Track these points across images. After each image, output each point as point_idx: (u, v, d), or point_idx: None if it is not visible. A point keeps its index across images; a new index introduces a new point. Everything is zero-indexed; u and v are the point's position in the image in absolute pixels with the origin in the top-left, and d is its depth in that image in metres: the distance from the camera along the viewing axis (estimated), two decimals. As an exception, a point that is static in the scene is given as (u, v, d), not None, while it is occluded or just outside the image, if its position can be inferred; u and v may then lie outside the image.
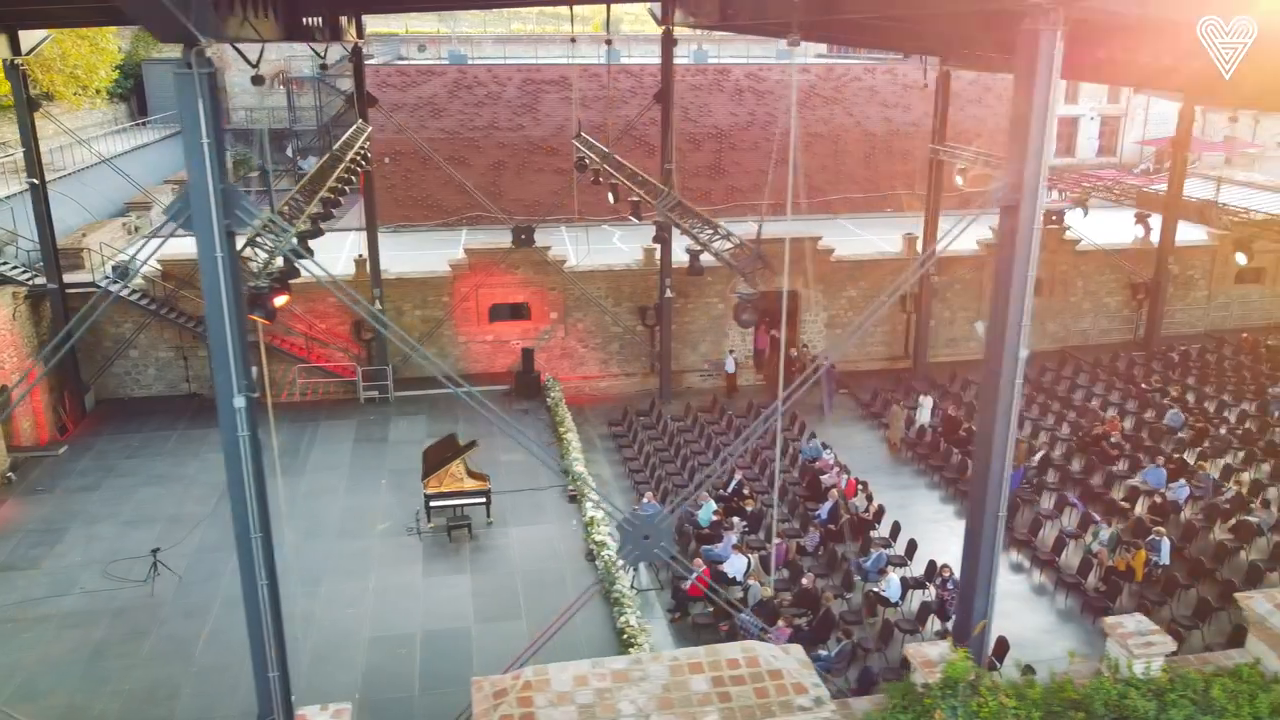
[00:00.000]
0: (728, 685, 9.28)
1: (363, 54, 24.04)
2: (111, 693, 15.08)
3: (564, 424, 24.38)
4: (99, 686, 15.22)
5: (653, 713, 8.95)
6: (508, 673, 9.45)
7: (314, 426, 25.39)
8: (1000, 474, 10.98)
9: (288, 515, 20.87)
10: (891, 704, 9.92)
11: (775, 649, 9.86)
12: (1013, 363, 10.52)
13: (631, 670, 9.38)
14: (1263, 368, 28.16)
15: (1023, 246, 10.08)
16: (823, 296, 30.16)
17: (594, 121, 33.33)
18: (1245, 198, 35.65)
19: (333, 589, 17.90)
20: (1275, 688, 10.05)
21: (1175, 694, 9.92)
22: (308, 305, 27.51)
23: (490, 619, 16.95)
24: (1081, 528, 20.06)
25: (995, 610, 18.88)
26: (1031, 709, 9.80)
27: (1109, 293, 32.08)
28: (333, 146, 21.47)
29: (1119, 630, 10.39)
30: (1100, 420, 24.72)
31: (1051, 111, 9.69)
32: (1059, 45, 9.40)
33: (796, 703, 9.13)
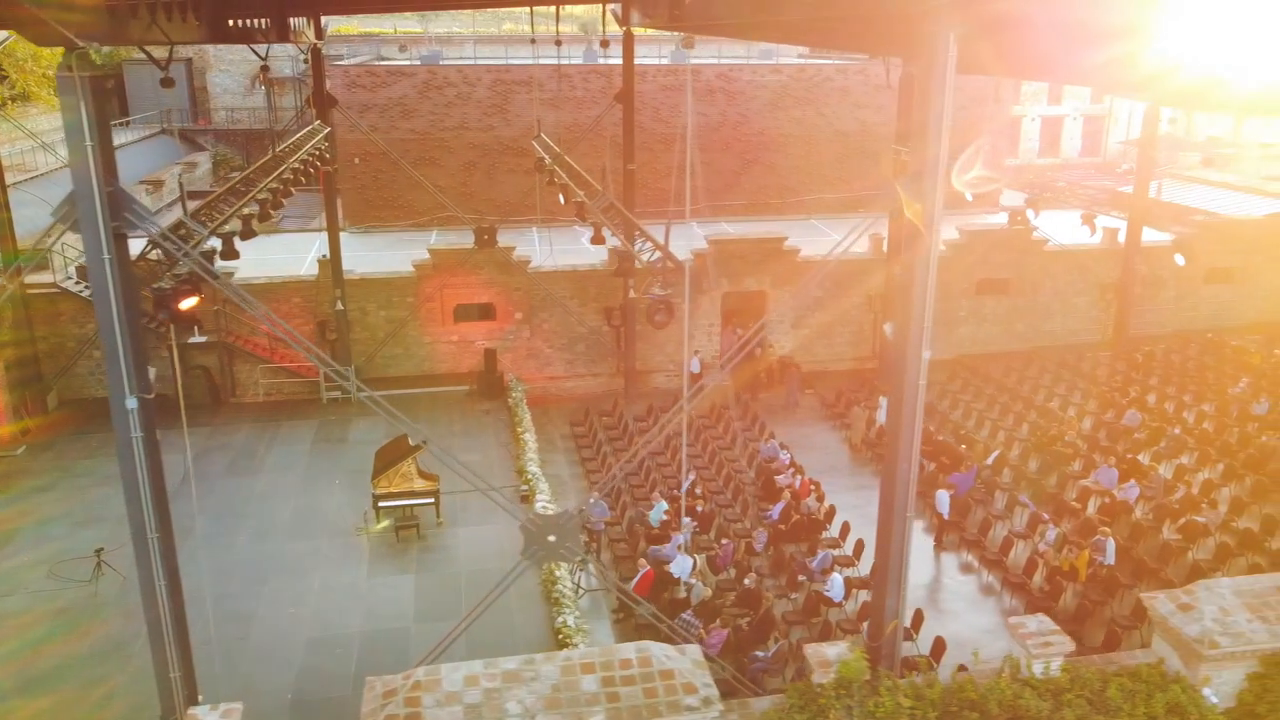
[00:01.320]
0: (618, 685, 9.33)
1: (321, 55, 24.04)
2: (46, 692, 15.10)
3: (522, 424, 24.40)
4: (35, 686, 15.25)
5: (539, 713, 9.00)
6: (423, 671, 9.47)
7: (275, 427, 25.42)
8: (907, 475, 11.00)
9: (239, 516, 20.99)
10: (789, 704, 9.96)
11: (670, 649, 9.92)
12: (916, 364, 10.54)
13: (523, 670, 9.43)
14: (1226, 368, 28.17)
15: (923, 248, 10.09)
16: (790, 297, 30.15)
17: (564, 122, 33.36)
18: (1215, 198, 35.78)
19: (278, 589, 17.94)
20: (1173, 687, 10.09)
21: (1072, 694, 9.96)
22: (272, 305, 27.50)
23: (431, 619, 16.98)
24: (1031, 528, 20.10)
25: (941, 610, 19.11)
26: (928, 709, 9.85)
27: (1078, 293, 32.08)
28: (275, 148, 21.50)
29: (1020, 631, 10.44)
30: (1059, 421, 24.75)
31: (948, 112, 9.71)
32: (953, 47, 9.42)
33: (685, 703, 9.18)
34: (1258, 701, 10.24)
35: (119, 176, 9.44)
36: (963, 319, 31.49)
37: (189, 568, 18.76)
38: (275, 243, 33.79)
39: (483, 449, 24.07)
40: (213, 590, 17.83)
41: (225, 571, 18.49)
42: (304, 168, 20.48)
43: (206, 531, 20.25)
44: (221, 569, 18.62)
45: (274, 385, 27.66)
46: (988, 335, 31.80)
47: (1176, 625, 10.34)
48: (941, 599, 19.45)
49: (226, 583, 18.03)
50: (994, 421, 25.42)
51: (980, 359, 30.79)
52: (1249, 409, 24.46)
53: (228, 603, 17.36)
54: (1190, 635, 10.16)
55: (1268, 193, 35.31)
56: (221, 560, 18.89)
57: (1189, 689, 10.14)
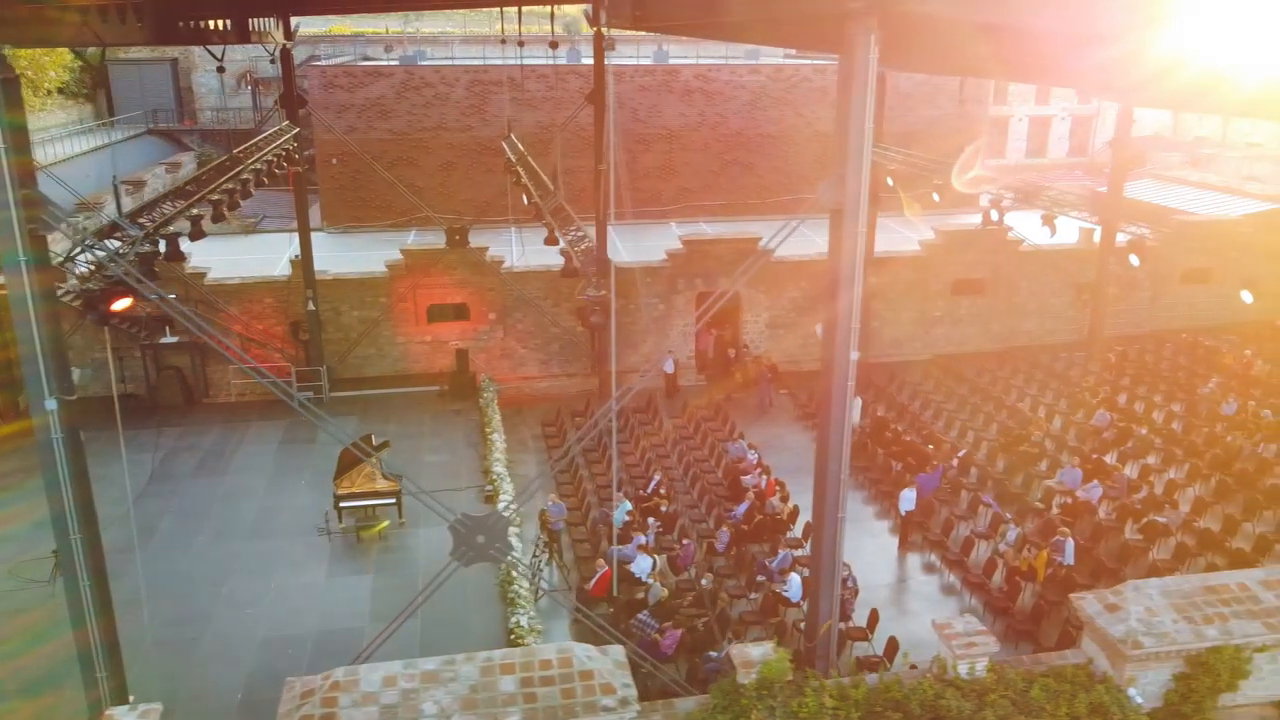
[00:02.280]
0: (536, 686, 9.33)
1: (290, 56, 24.04)
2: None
3: (490, 425, 24.41)
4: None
5: (455, 713, 9.01)
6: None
7: (244, 427, 25.44)
8: (838, 475, 11.02)
9: (203, 516, 21.02)
10: (713, 704, 9.97)
11: (592, 650, 9.92)
12: (844, 365, 10.56)
13: (442, 671, 9.43)
14: (1198, 369, 28.20)
15: (849, 249, 10.12)
16: (764, 297, 30.20)
17: (543, 122, 33.45)
18: (1194, 199, 35.82)
19: (235, 588, 17.97)
20: (1097, 688, 10.11)
21: (997, 694, 9.98)
22: (244, 306, 27.58)
23: (385, 619, 16.81)
24: (993, 528, 20.12)
25: (903, 610, 19.14)
26: (851, 709, 9.86)
27: (1054, 293, 32.13)
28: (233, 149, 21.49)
29: (946, 631, 10.44)
30: (1027, 421, 24.77)
31: (870, 112, 9.73)
32: (874, 48, 9.44)
33: (601, 703, 9.19)
34: (1183, 701, 10.25)
35: (108, 175, 9.41)
36: (938, 319, 31.51)
37: (148, 568, 18.92)
38: (254, 243, 33.89)
39: (451, 449, 24.09)
40: (169, 590, 17.95)
41: (184, 571, 18.54)
42: (268, 168, 20.46)
43: (170, 531, 20.33)
44: (180, 569, 18.68)
45: (246, 386, 27.67)
46: (964, 335, 31.82)
47: (1102, 625, 10.36)
48: (904, 599, 19.50)
49: (184, 583, 18.08)
50: (964, 422, 25.46)
51: (956, 359, 30.82)
52: (1218, 409, 24.47)
53: (184, 603, 17.39)
54: (1115, 635, 10.17)
55: (1246, 193, 35.33)
56: (181, 560, 18.94)
57: (1114, 689, 10.16)
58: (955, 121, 38.45)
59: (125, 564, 18.66)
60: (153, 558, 19.09)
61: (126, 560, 18.79)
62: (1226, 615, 10.43)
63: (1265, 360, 27.55)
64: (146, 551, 19.37)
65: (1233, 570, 13.29)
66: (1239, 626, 10.30)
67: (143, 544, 19.77)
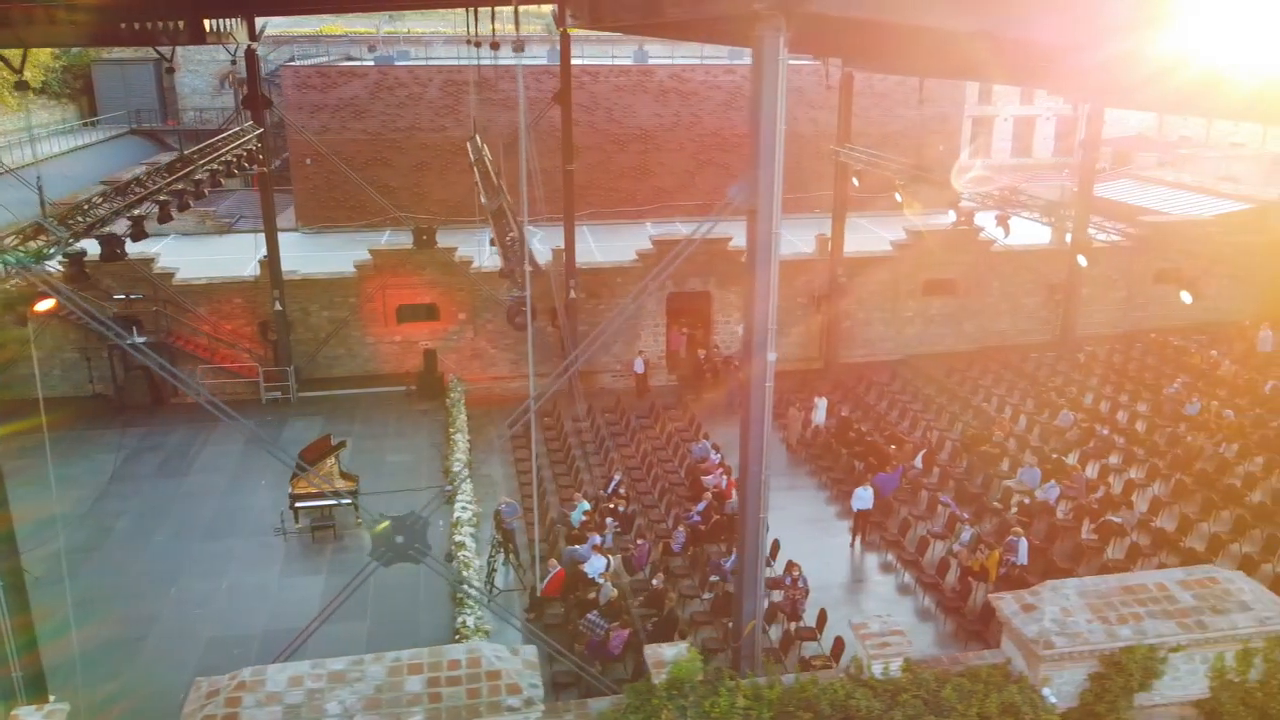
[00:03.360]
0: (443, 686, 9.36)
1: (255, 56, 24.05)
2: None
3: (455, 425, 24.41)
4: None
5: (358, 713, 9.03)
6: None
7: (210, 428, 25.39)
8: (759, 476, 11.04)
9: (162, 515, 21.03)
10: (626, 704, 9.99)
11: (502, 650, 9.97)
12: (762, 367, 10.57)
13: (349, 671, 9.46)
14: (1166, 369, 28.22)
15: (763, 250, 10.14)
16: (736, 297, 30.18)
17: (517, 122, 33.35)
18: (1167, 199, 35.87)
19: (186, 589, 17.98)
20: (1010, 687, 10.14)
21: (909, 694, 10.00)
22: (212, 307, 27.59)
23: (335, 619, 16.86)
24: (949, 528, 20.15)
25: (858, 610, 19.13)
26: (763, 709, 9.89)
27: (1026, 293, 32.13)
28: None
29: (861, 631, 10.47)
30: (991, 421, 24.79)
31: (781, 113, 9.75)
32: (783, 49, 9.46)
33: (506, 703, 9.22)
34: (1097, 701, 10.28)
35: (88, 175, 9.36)
36: (909, 319, 31.53)
37: (102, 568, 18.97)
38: (228, 243, 33.90)
39: (414, 449, 24.12)
40: (121, 590, 17.97)
41: (137, 571, 18.56)
42: (227, 169, 20.46)
43: (126, 531, 20.34)
44: (134, 569, 18.71)
45: (215, 386, 27.64)
46: (936, 335, 31.83)
47: (1018, 626, 10.39)
48: (860, 599, 19.52)
49: (136, 583, 18.10)
50: (929, 422, 25.47)
51: (928, 359, 30.83)
52: (1181, 409, 24.49)
53: (134, 602, 17.41)
54: (1029, 635, 10.20)
55: (1220, 193, 35.36)
56: (135, 560, 18.98)
57: (1027, 689, 10.19)
58: (934, 123, 38.48)
59: (79, 563, 18.82)
60: (107, 557, 19.14)
61: (80, 560, 18.93)
62: (1141, 615, 10.47)
63: (1232, 361, 27.58)
64: (101, 551, 19.46)
65: (1155, 570, 13.31)
66: (1153, 626, 10.33)
67: (99, 544, 19.87)
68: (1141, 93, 15.98)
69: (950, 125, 38.91)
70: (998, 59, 12.35)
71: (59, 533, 20.02)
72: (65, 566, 18.75)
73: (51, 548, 19.50)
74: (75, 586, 17.91)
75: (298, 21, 58.50)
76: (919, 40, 10.15)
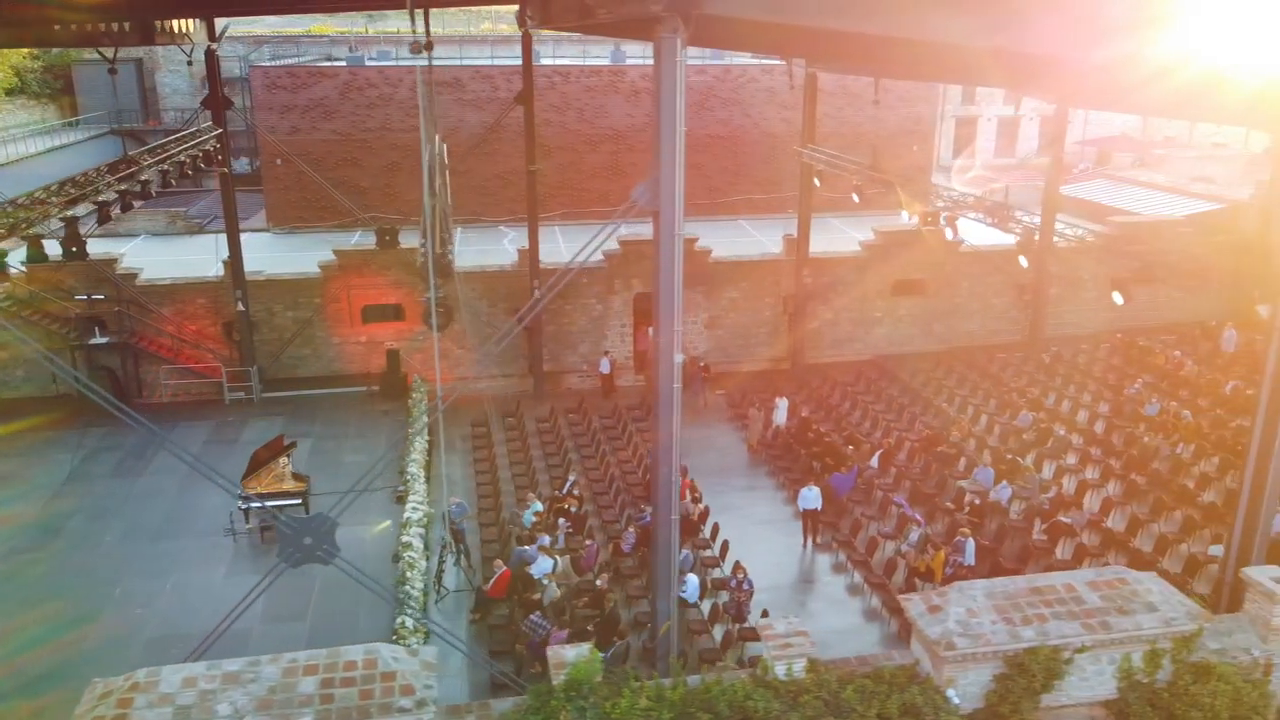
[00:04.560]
0: (336, 687, 9.35)
1: (215, 57, 24.03)
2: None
3: (414, 425, 24.41)
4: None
5: (249, 714, 9.02)
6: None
7: (170, 428, 25.39)
8: (669, 477, 11.04)
9: (113, 516, 21.04)
10: (526, 704, 10.00)
11: (401, 651, 9.97)
12: (669, 369, 10.57)
13: (244, 672, 9.45)
14: (1131, 369, 28.23)
15: (667, 251, 10.14)
16: (703, 298, 30.20)
17: (486, 123, 33.43)
18: (1139, 199, 35.89)
19: (130, 589, 17.98)
20: (913, 688, 10.14)
21: (811, 695, 10.01)
22: (176, 307, 27.58)
23: (275, 620, 17.04)
24: (899, 528, 20.16)
25: (805, 610, 19.15)
26: (664, 709, 9.89)
27: (995, 294, 32.15)
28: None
29: (766, 632, 10.47)
30: (951, 422, 24.80)
31: (681, 113, 9.76)
32: (680, 50, 9.46)
33: (398, 704, 9.22)
34: (1001, 702, 10.28)
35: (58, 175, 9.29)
36: (879, 319, 31.53)
37: (50, 568, 18.96)
38: (200, 243, 33.85)
39: (372, 449, 24.13)
40: (67, 590, 17.96)
41: (85, 571, 18.57)
42: (180, 169, 20.44)
43: (77, 531, 20.35)
44: (82, 569, 18.72)
45: (181, 386, 27.68)
46: (905, 336, 31.84)
47: (922, 627, 10.39)
48: (809, 599, 19.54)
49: (82, 583, 18.10)
50: (890, 422, 25.47)
51: (898, 359, 30.85)
52: (1140, 410, 24.50)
53: (78, 602, 17.40)
54: (931, 636, 10.20)
55: (1192, 193, 35.37)
56: (84, 560, 18.98)
57: (930, 690, 10.19)
58: (909, 123, 38.50)
59: (26, 565, 18.83)
60: (54, 558, 19.14)
61: (26, 561, 18.94)
62: (1046, 616, 10.47)
63: (1195, 361, 27.58)
64: (49, 552, 19.45)
65: (1066, 571, 13.31)
66: (1056, 627, 10.34)
67: (48, 543, 19.88)
68: (1124, 98, 16.02)
69: (925, 125, 38.91)
70: (962, 62, 12.35)
71: (8, 534, 20.12)
72: (10, 568, 18.84)
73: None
74: (19, 587, 18.00)
75: (291, 21, 58.62)
76: (869, 44, 10.17)
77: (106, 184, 18.15)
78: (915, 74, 25.59)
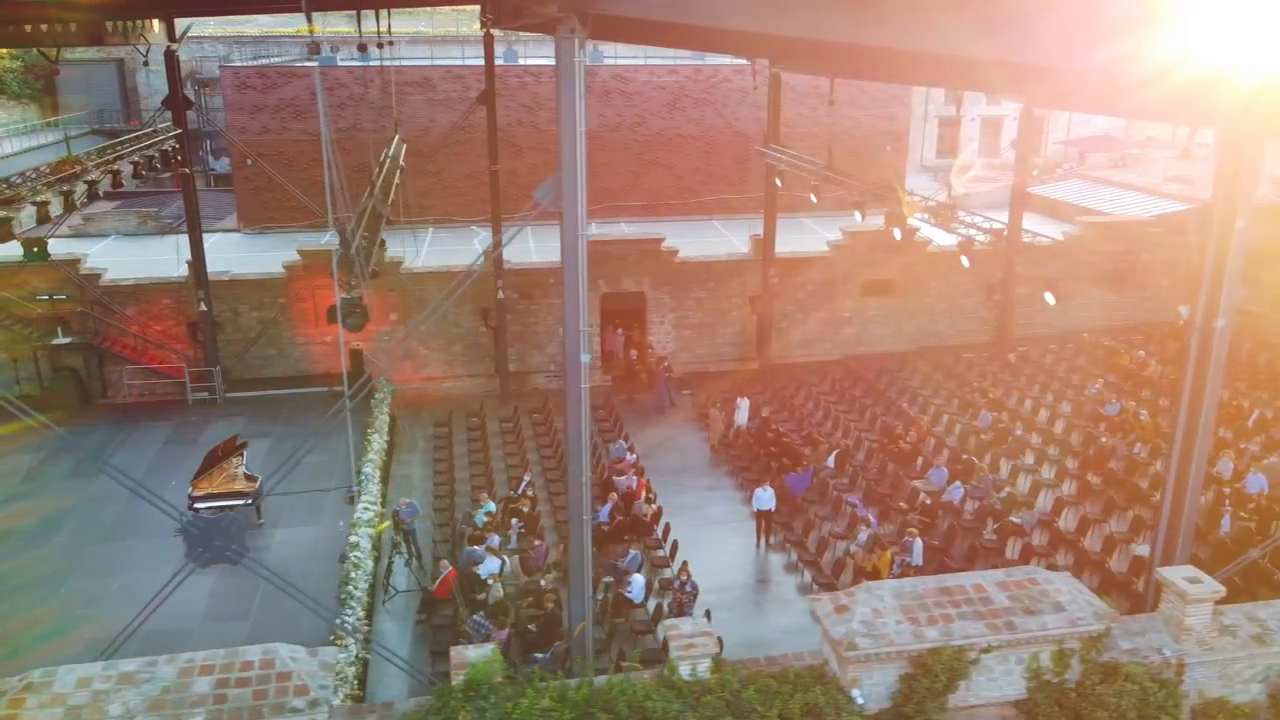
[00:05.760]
0: (231, 688, 9.35)
1: (175, 57, 24.00)
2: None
3: (373, 425, 24.39)
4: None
5: (140, 715, 9.02)
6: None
7: (131, 428, 25.46)
8: (580, 477, 11.04)
9: (64, 516, 21.04)
10: (428, 705, 9.99)
11: (300, 651, 9.96)
12: (576, 369, 10.57)
13: (140, 672, 9.45)
14: (1095, 369, 28.25)
15: (571, 251, 10.14)
16: (670, 298, 30.20)
17: (457, 123, 33.40)
18: (1111, 199, 35.92)
19: (75, 589, 17.99)
20: (815, 688, 10.13)
21: (713, 696, 10.01)
22: (140, 307, 27.57)
23: (217, 619, 17.07)
24: (850, 528, 20.17)
25: (754, 610, 19.18)
26: (565, 710, 9.89)
27: (965, 293, 32.12)
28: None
29: (672, 632, 10.47)
30: (910, 422, 24.80)
31: (581, 113, 9.76)
32: (578, 50, 9.47)
33: (291, 705, 9.22)
34: (906, 702, 10.28)
35: None
36: (847, 320, 31.54)
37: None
38: (169, 244, 33.78)
39: (330, 450, 24.05)
40: (8, 592, 17.95)
41: (30, 573, 18.54)
42: (135, 169, 20.41)
43: (27, 532, 20.33)
44: (27, 570, 18.69)
45: (145, 386, 27.67)
46: (874, 336, 31.84)
47: (828, 627, 10.39)
48: (760, 599, 19.59)
49: (27, 584, 18.08)
50: (852, 422, 25.48)
51: (867, 359, 30.86)
52: (1100, 410, 24.51)
53: (20, 604, 17.39)
54: (835, 637, 10.19)
55: (1164, 193, 35.38)
56: (31, 561, 18.96)
57: (834, 690, 10.18)
58: (882, 123, 38.49)
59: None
60: (3, 557, 19.11)
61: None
62: (952, 616, 10.46)
63: (1160, 361, 27.59)
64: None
65: (973, 572, 13.33)
66: (961, 628, 10.33)
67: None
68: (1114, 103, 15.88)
69: (900, 125, 38.89)
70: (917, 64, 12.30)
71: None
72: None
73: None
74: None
75: (283, 20, 58.57)
76: (774, 43, 10.17)
77: (46, 184, 18.09)
78: (879, 75, 25.59)
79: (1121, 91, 12.54)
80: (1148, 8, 9.04)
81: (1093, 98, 17.95)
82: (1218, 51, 9.57)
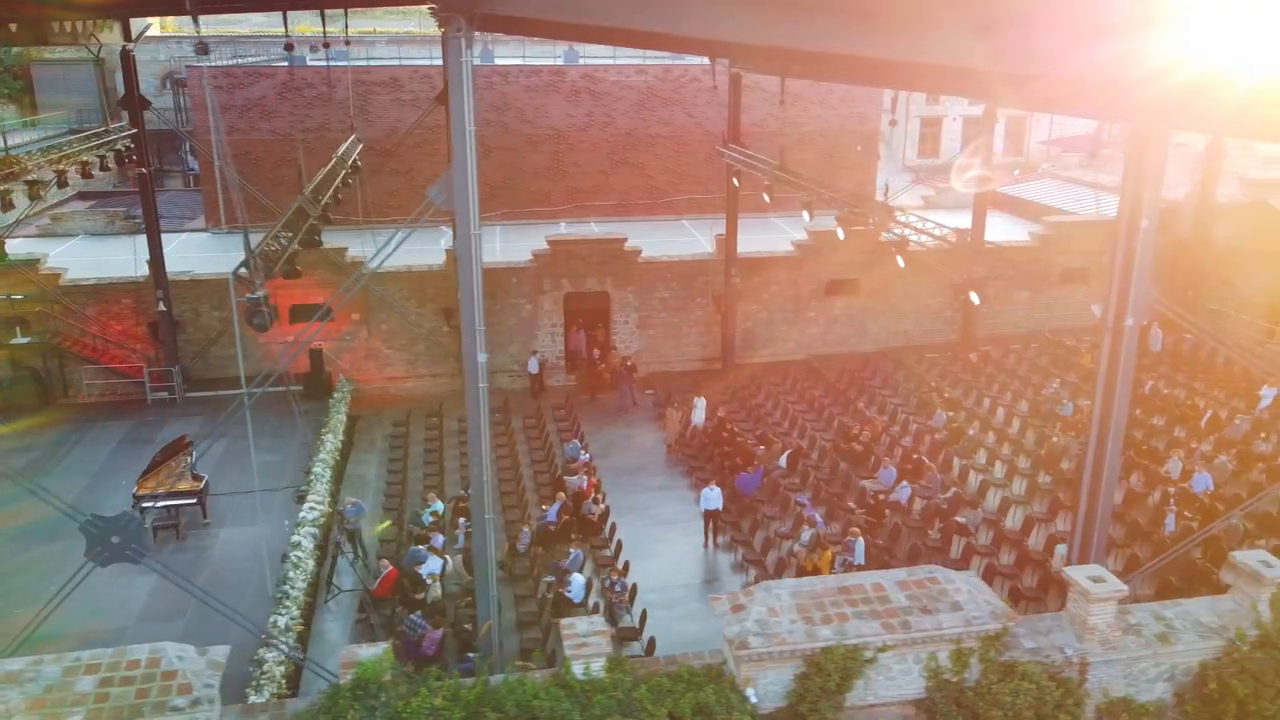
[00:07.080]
0: (114, 686, 9.37)
1: (132, 57, 24.04)
2: None
3: (328, 425, 24.40)
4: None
5: (19, 714, 9.03)
6: None
7: (88, 427, 25.45)
8: (479, 478, 11.05)
9: (9, 518, 20.98)
10: (319, 704, 10.00)
11: (188, 650, 9.98)
12: (474, 368, 10.58)
13: (25, 671, 9.48)
14: (1056, 369, 28.25)
15: (464, 251, 10.15)
16: (634, 298, 30.19)
17: (425, 123, 33.33)
18: (1078, 199, 35.93)
19: (14, 589, 17.98)
20: (707, 687, 10.15)
21: (605, 695, 10.02)
22: (101, 307, 27.57)
23: (152, 619, 17.10)
24: (795, 527, 20.17)
25: (683, 611, 19.14)
26: (456, 709, 9.90)
27: (930, 294, 32.13)
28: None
29: (566, 631, 10.49)
30: (865, 421, 24.81)
31: (470, 111, 9.76)
32: (466, 48, 9.47)
33: (172, 704, 9.24)
34: (800, 701, 10.30)
35: None
36: (812, 319, 31.55)
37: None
38: (136, 244, 33.74)
39: (284, 449, 24.13)
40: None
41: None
42: (83, 169, 20.40)
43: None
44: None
45: (105, 386, 27.66)
46: (839, 336, 31.85)
47: (723, 626, 10.40)
48: (704, 598, 19.52)
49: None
50: (808, 422, 25.48)
51: (831, 359, 30.84)
52: (1056, 410, 24.52)
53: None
54: (728, 636, 10.22)
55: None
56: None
57: (726, 689, 10.20)
58: (852, 122, 38.48)
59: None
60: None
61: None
62: (848, 615, 10.49)
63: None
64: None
65: (874, 571, 13.34)
66: (855, 627, 10.35)
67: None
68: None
69: (869, 125, 38.88)
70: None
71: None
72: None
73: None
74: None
75: (274, 20, 58.45)
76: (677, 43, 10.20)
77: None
78: (831, 76, 25.54)
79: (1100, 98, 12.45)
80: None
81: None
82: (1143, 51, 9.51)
